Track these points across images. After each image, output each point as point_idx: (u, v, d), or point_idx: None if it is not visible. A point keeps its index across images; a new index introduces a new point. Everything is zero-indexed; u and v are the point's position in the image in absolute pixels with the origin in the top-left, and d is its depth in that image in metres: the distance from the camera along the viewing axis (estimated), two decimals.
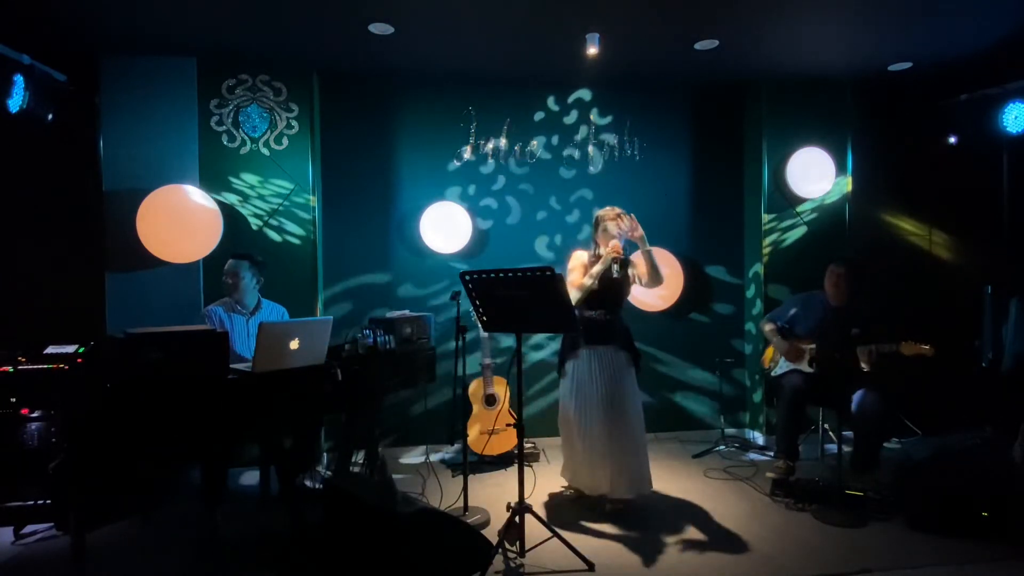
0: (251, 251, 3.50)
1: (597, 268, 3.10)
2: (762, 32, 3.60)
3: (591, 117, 4.54)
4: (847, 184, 4.46)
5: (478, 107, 4.40)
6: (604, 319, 3.18)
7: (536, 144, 4.47)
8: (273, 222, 3.97)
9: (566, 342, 3.32)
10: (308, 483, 3.44)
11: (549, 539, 2.71)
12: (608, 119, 4.56)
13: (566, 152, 4.52)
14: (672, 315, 4.57)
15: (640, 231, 3.10)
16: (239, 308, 3.33)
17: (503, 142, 4.43)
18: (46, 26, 3.36)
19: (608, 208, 3.23)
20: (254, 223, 3.95)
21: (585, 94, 4.52)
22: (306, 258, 4.01)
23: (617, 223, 3.14)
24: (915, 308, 4.47)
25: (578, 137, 4.53)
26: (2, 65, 3.21)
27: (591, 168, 4.55)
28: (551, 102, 4.49)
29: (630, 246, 3.22)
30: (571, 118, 4.52)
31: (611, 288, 3.17)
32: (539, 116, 4.49)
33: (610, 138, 4.56)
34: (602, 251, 3.14)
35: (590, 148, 4.54)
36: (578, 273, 3.17)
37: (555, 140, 4.51)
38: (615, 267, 3.14)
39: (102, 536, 2.94)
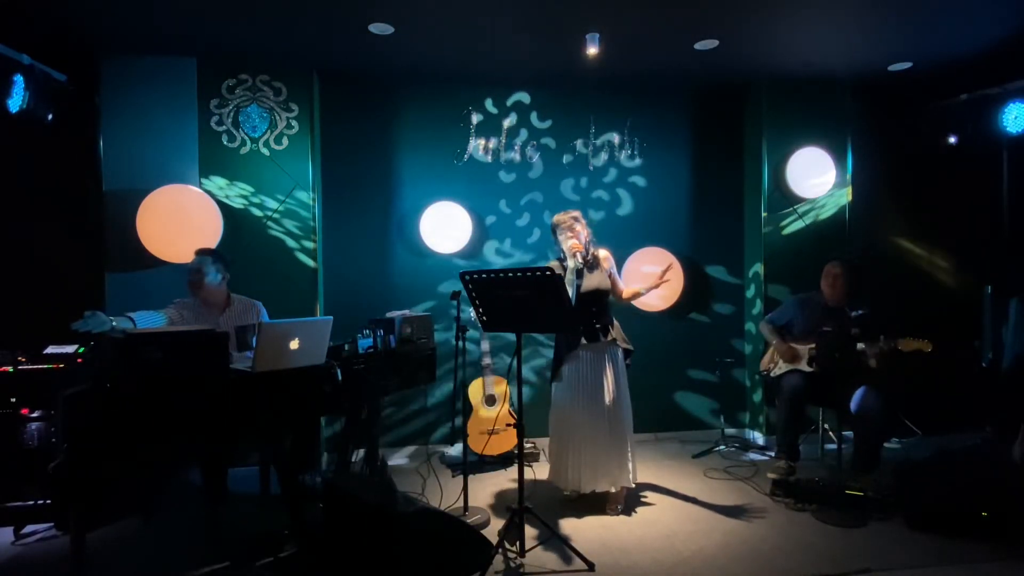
0: (252, 251, 3.47)
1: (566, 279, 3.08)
2: (762, 32, 3.60)
3: (588, 117, 4.54)
4: (847, 184, 4.46)
5: (478, 107, 4.41)
6: (592, 317, 3.18)
7: (534, 144, 4.49)
8: (273, 222, 3.97)
9: (560, 344, 3.32)
10: (308, 483, 3.43)
11: (549, 539, 2.71)
12: (606, 118, 4.56)
13: (564, 151, 4.53)
14: (672, 315, 4.57)
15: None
16: (205, 308, 3.19)
17: (502, 141, 4.44)
18: (46, 26, 3.36)
19: (563, 212, 3.23)
20: (254, 223, 3.95)
21: (583, 93, 4.51)
22: (306, 258, 4.01)
23: (572, 227, 3.14)
24: (915, 308, 4.47)
25: (576, 136, 4.53)
26: (2, 65, 3.22)
27: (590, 166, 4.56)
28: (547, 100, 4.49)
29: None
30: (568, 116, 4.52)
31: (589, 288, 3.14)
32: (535, 114, 4.49)
33: (609, 137, 4.56)
34: (567, 256, 3.14)
35: (589, 147, 4.55)
36: None
37: (552, 140, 4.52)
38: (578, 261, 3.10)
39: (102, 536, 2.93)
